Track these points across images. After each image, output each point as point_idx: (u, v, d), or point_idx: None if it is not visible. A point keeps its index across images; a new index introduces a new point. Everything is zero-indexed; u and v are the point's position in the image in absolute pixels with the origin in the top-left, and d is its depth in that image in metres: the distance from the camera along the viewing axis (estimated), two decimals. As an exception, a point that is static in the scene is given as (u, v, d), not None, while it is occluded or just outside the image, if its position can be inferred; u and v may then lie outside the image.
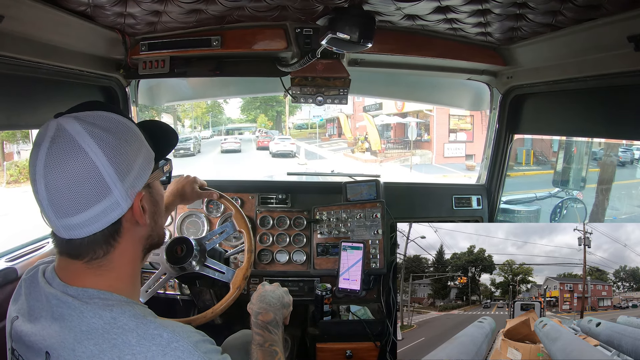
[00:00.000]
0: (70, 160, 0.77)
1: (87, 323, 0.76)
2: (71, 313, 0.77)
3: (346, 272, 2.07)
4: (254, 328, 1.30)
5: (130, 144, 0.84)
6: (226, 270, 1.74)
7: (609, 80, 1.57)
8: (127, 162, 0.82)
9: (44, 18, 1.39)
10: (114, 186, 0.80)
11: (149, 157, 0.89)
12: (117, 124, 0.84)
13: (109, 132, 0.81)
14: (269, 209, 2.33)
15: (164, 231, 1.03)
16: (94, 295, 0.80)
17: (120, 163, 0.81)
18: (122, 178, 0.81)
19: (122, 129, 0.84)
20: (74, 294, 0.80)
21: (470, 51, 2.02)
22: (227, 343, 1.64)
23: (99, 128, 0.81)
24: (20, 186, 13.94)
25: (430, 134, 21.19)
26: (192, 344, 0.76)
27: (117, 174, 0.80)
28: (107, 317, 0.76)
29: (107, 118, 0.84)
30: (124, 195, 0.82)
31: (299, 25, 1.84)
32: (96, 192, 0.79)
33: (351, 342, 2.01)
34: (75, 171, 0.77)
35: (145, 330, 0.76)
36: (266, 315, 1.31)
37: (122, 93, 2.14)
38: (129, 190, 0.83)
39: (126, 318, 0.77)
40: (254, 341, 1.27)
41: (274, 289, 1.41)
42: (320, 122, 32.80)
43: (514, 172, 12.95)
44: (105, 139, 0.80)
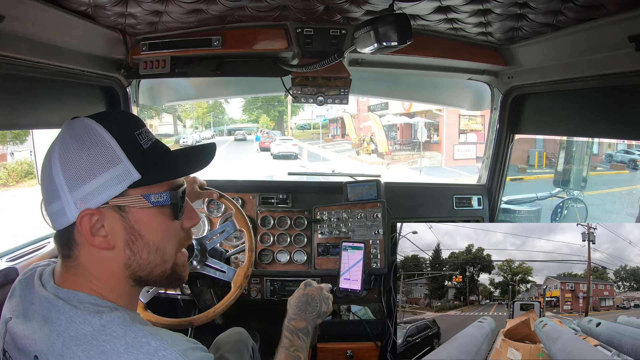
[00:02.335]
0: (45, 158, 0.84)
1: (75, 328, 0.76)
2: (60, 317, 0.77)
3: (347, 272, 2.06)
4: (284, 331, 1.31)
5: (93, 157, 0.81)
6: (227, 270, 1.75)
7: (610, 80, 1.57)
8: (81, 174, 0.80)
9: (45, 18, 1.39)
10: (62, 193, 0.80)
11: (123, 178, 0.82)
12: (87, 131, 0.82)
13: (73, 138, 0.82)
14: (269, 209, 2.34)
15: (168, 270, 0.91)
16: (84, 299, 0.80)
17: (73, 173, 0.80)
18: (71, 188, 0.80)
19: (88, 137, 0.82)
20: (64, 296, 0.80)
21: (471, 51, 2.01)
22: (219, 340, 1.65)
23: (70, 132, 0.83)
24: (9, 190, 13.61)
25: (440, 135, 20.82)
26: (181, 353, 0.75)
27: (67, 183, 0.80)
28: (96, 323, 0.76)
29: (82, 124, 0.83)
30: (71, 206, 0.80)
31: (299, 25, 1.84)
32: (51, 191, 0.82)
33: (352, 342, 2.01)
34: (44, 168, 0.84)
35: (133, 337, 0.75)
36: (299, 322, 1.33)
37: (123, 93, 2.14)
38: (77, 203, 0.80)
39: (115, 325, 0.76)
40: (281, 343, 1.28)
41: (316, 294, 1.41)
42: (323, 122, 32.75)
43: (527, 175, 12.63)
44: (69, 147, 0.81)
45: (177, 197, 0.88)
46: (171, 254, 0.91)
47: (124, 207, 0.83)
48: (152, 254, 0.87)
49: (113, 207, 0.82)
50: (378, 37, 1.34)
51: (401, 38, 1.34)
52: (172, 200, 0.88)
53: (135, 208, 0.83)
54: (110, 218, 0.82)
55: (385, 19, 1.34)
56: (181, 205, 0.91)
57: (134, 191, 0.83)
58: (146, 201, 0.84)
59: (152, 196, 0.85)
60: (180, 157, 0.94)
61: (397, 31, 1.34)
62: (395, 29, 1.33)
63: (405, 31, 1.34)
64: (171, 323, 1.68)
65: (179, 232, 0.92)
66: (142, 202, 0.84)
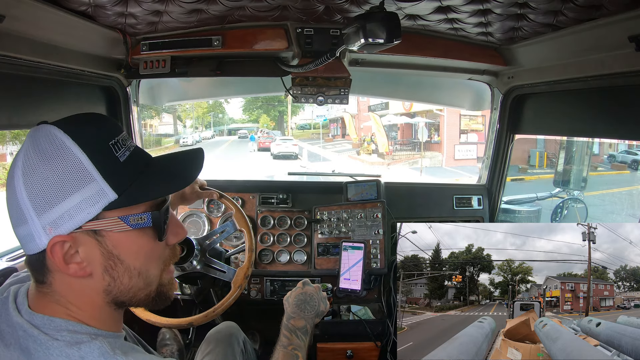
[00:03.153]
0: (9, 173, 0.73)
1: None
2: (37, 348, 0.69)
3: (347, 272, 2.07)
4: (282, 330, 1.30)
5: (60, 175, 0.71)
6: (227, 270, 1.75)
7: (610, 80, 1.57)
8: (48, 196, 0.70)
9: (45, 18, 1.39)
10: (29, 217, 0.71)
11: (97, 200, 0.72)
12: (55, 147, 0.71)
13: (40, 155, 0.71)
14: (269, 209, 2.34)
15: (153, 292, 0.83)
16: (61, 327, 0.72)
17: (39, 194, 0.70)
18: (38, 212, 0.70)
19: (58, 155, 0.71)
20: (39, 323, 0.72)
21: (471, 51, 2.02)
22: (210, 335, 1.65)
23: (34, 147, 0.72)
24: None
25: (441, 135, 20.75)
26: None
27: (33, 206, 0.70)
28: (75, 356, 0.69)
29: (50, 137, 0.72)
30: (40, 232, 0.71)
31: (299, 25, 1.84)
32: (16, 214, 0.73)
33: (352, 342, 2.01)
34: (8, 185, 0.74)
35: None
36: (298, 321, 1.32)
37: (123, 93, 2.14)
38: (46, 228, 0.71)
39: (94, 357, 0.69)
40: (279, 342, 1.27)
41: (314, 293, 1.41)
42: (323, 122, 32.73)
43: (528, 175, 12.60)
44: (33, 164, 0.71)
45: (159, 218, 0.79)
46: (155, 275, 0.82)
47: (99, 232, 0.74)
48: (135, 279, 0.78)
49: (87, 231, 0.73)
50: (365, 33, 1.33)
51: (389, 36, 1.33)
52: (155, 221, 0.78)
53: (113, 232, 0.74)
54: (85, 244, 0.73)
55: (374, 16, 1.33)
56: (165, 225, 0.81)
57: (110, 213, 0.73)
58: (124, 224, 0.75)
59: (131, 218, 0.75)
60: (163, 170, 0.83)
61: (386, 29, 1.32)
62: (384, 27, 1.32)
63: (393, 30, 1.33)
64: (171, 323, 1.69)
65: (163, 252, 0.83)
66: (120, 226, 0.74)
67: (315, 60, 1.75)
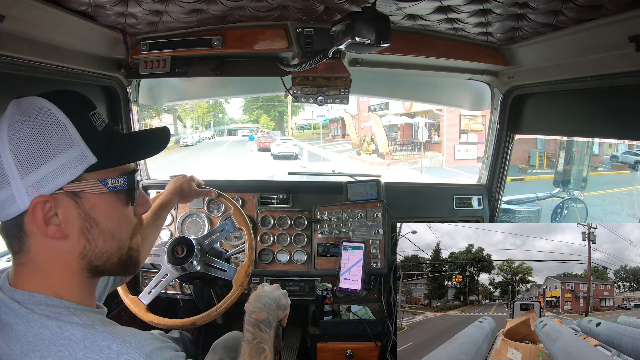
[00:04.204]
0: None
1: (33, 333, 0.71)
2: (18, 322, 0.72)
3: (347, 272, 2.07)
4: (245, 325, 1.28)
5: (47, 139, 0.75)
6: (228, 269, 1.75)
7: (610, 80, 1.57)
8: (34, 157, 0.74)
9: (45, 18, 1.39)
10: (12, 179, 0.73)
11: (79, 162, 0.77)
12: (38, 110, 0.76)
13: (27, 120, 0.75)
14: (269, 209, 2.34)
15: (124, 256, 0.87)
16: (40, 301, 0.75)
17: (24, 156, 0.73)
18: (22, 173, 0.73)
19: (45, 121, 0.75)
20: (20, 299, 0.75)
21: (471, 51, 2.02)
22: (216, 345, 1.64)
23: (19, 112, 0.76)
24: None
25: (441, 135, 20.71)
26: (146, 355, 0.71)
27: (17, 167, 0.73)
28: (54, 326, 0.71)
29: (33, 104, 0.77)
30: (22, 193, 0.74)
31: (299, 25, 1.84)
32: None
33: (352, 342, 2.01)
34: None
35: (93, 341, 0.71)
36: (259, 314, 1.29)
37: (123, 93, 2.14)
38: (29, 189, 0.74)
39: (73, 328, 0.72)
40: (244, 338, 1.25)
41: (273, 290, 1.40)
42: (323, 122, 32.73)
43: (528, 175, 12.58)
44: (20, 128, 0.74)
45: (133, 182, 0.85)
46: (126, 238, 0.87)
47: (79, 193, 0.77)
48: (108, 242, 0.82)
49: (67, 193, 0.76)
50: (353, 32, 1.32)
51: (377, 38, 1.31)
52: (129, 184, 0.84)
53: (91, 194, 0.79)
54: (64, 205, 0.76)
55: (364, 16, 1.32)
56: (136, 191, 0.87)
57: (89, 175, 0.78)
58: (102, 186, 0.80)
59: (109, 180, 0.80)
60: (135, 139, 0.93)
61: (375, 30, 1.31)
62: (373, 27, 1.30)
63: (382, 32, 1.31)
64: (174, 324, 1.69)
65: (132, 218, 0.89)
66: (98, 187, 0.79)
67: (309, 59, 1.75)
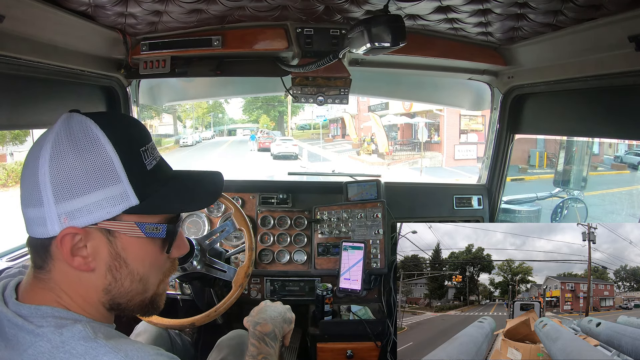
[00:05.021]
0: (32, 152, 0.74)
1: (34, 347, 0.68)
2: (23, 335, 0.69)
3: (347, 272, 2.07)
4: (250, 339, 1.25)
5: (89, 170, 0.72)
6: (228, 269, 1.75)
7: (610, 80, 1.57)
8: (72, 186, 0.71)
9: (45, 18, 1.39)
10: (46, 201, 0.71)
11: (119, 201, 0.74)
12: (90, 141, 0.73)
13: (73, 143, 0.72)
14: (269, 209, 2.34)
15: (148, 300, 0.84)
16: (46, 313, 0.72)
17: (62, 182, 0.71)
18: (57, 199, 0.71)
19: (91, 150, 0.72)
20: (25, 313, 0.72)
21: (471, 51, 2.01)
22: (221, 342, 1.64)
23: (68, 134, 0.73)
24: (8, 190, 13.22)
25: (441, 135, 20.73)
26: None
27: (54, 192, 0.71)
28: (56, 340, 0.68)
29: (85, 128, 0.73)
30: (54, 219, 0.71)
31: (299, 25, 1.84)
32: (32, 195, 0.73)
33: (352, 342, 2.01)
34: (28, 164, 0.74)
35: (94, 355, 0.67)
36: (265, 326, 1.26)
37: (123, 93, 2.14)
38: (61, 217, 0.71)
39: (75, 341, 0.68)
40: (248, 352, 1.22)
41: (277, 305, 1.38)
42: (323, 122, 32.74)
43: (528, 175, 12.55)
44: (63, 150, 0.72)
45: (173, 232, 0.82)
46: (154, 283, 0.83)
47: (113, 232, 0.75)
48: (135, 283, 0.79)
49: (101, 229, 0.74)
50: (371, 37, 1.33)
51: (394, 39, 1.32)
52: (168, 234, 0.80)
53: (126, 235, 0.76)
54: (95, 240, 0.74)
55: (379, 20, 1.32)
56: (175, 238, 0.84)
57: (127, 217, 0.75)
58: (139, 230, 0.76)
59: (147, 226, 0.77)
60: (184, 186, 0.85)
61: (391, 32, 1.32)
62: (389, 30, 1.32)
63: (398, 32, 1.33)
64: (173, 324, 1.68)
65: (165, 263, 0.85)
66: (134, 231, 0.76)
67: (317, 61, 1.75)
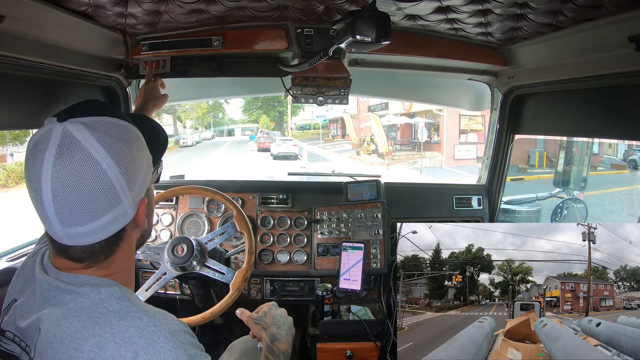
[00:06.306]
0: (82, 170, 0.75)
1: (75, 302, 0.78)
2: (65, 295, 0.79)
3: (347, 272, 2.06)
4: (266, 352, 1.26)
5: (137, 151, 0.85)
6: (226, 272, 1.75)
7: (610, 80, 1.57)
8: (135, 170, 0.83)
9: (45, 18, 1.39)
10: (123, 196, 0.81)
11: (150, 162, 0.91)
12: (124, 130, 0.83)
13: (119, 140, 0.81)
14: (269, 209, 2.34)
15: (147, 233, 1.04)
16: (84, 281, 0.81)
17: (130, 172, 0.82)
18: (131, 187, 0.82)
19: (129, 136, 0.84)
20: (65, 279, 0.81)
21: (471, 51, 2.02)
22: (235, 345, 1.63)
23: (108, 135, 0.79)
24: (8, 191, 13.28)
25: (440, 135, 20.69)
26: (170, 332, 0.77)
27: (127, 184, 0.81)
28: (95, 298, 0.79)
29: (115, 125, 0.82)
30: (132, 204, 0.83)
31: (299, 25, 1.84)
32: (107, 202, 0.79)
33: (352, 342, 2.00)
34: (88, 182, 0.76)
35: (127, 312, 0.78)
36: (283, 344, 1.28)
37: (123, 93, 2.14)
38: (135, 198, 0.84)
39: (112, 300, 0.79)
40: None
41: (286, 317, 1.39)
42: (323, 122, 32.73)
43: (528, 175, 12.56)
44: (116, 147, 0.79)
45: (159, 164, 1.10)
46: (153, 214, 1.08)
47: (149, 187, 0.93)
48: (150, 219, 1.00)
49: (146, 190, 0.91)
50: (354, 30, 1.32)
51: (377, 36, 1.31)
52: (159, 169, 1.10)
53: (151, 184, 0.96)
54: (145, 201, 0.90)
55: (364, 14, 1.32)
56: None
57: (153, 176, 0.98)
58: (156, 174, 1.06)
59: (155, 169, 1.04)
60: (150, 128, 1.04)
61: (375, 28, 1.31)
62: (374, 25, 1.31)
63: (383, 30, 1.32)
64: None
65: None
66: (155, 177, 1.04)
67: (309, 59, 1.75)
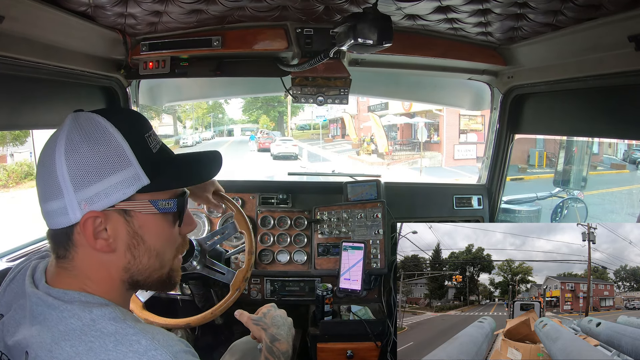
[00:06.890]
0: (45, 151, 0.80)
1: (65, 323, 0.74)
2: (50, 312, 0.75)
3: (347, 272, 2.06)
4: (265, 352, 1.26)
5: (102, 157, 0.78)
6: (226, 272, 1.75)
7: (610, 80, 1.57)
8: (89, 174, 0.77)
9: (45, 18, 1.39)
10: (65, 192, 0.77)
11: (132, 182, 0.80)
12: (100, 131, 0.79)
13: (85, 137, 0.78)
14: (269, 209, 2.34)
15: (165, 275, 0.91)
16: (74, 298, 0.77)
17: (79, 171, 0.77)
18: (76, 188, 0.77)
19: (102, 139, 0.79)
20: (55, 294, 0.78)
21: (471, 51, 2.01)
22: (235, 346, 1.63)
23: (78, 129, 0.79)
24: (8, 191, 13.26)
25: (440, 135, 20.69)
26: (172, 355, 0.72)
27: (72, 182, 0.77)
28: (86, 318, 0.74)
29: (94, 122, 0.80)
30: (75, 207, 0.78)
31: (299, 25, 1.84)
32: (51, 189, 0.79)
33: (352, 342, 2.00)
34: (44, 162, 0.80)
35: (123, 335, 0.73)
36: (283, 345, 1.29)
37: (123, 93, 2.14)
38: (81, 204, 0.78)
39: (105, 321, 0.74)
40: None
41: (286, 317, 1.40)
42: (323, 122, 32.72)
43: (528, 175, 12.55)
44: (77, 143, 0.78)
45: (183, 205, 0.89)
46: (169, 259, 0.91)
47: (129, 212, 0.81)
48: (152, 259, 0.86)
49: (118, 210, 0.80)
50: (355, 33, 1.33)
51: (379, 38, 1.32)
52: (179, 207, 0.88)
53: (141, 213, 0.83)
54: (114, 221, 0.80)
55: (366, 17, 1.32)
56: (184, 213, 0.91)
57: (141, 196, 0.82)
58: (153, 207, 0.84)
59: (160, 202, 0.84)
60: (187, 164, 0.94)
61: (377, 31, 1.31)
62: (375, 28, 1.31)
63: (384, 32, 1.32)
64: (168, 323, 1.68)
65: (177, 238, 0.92)
66: (148, 208, 0.83)
67: (310, 59, 1.75)
